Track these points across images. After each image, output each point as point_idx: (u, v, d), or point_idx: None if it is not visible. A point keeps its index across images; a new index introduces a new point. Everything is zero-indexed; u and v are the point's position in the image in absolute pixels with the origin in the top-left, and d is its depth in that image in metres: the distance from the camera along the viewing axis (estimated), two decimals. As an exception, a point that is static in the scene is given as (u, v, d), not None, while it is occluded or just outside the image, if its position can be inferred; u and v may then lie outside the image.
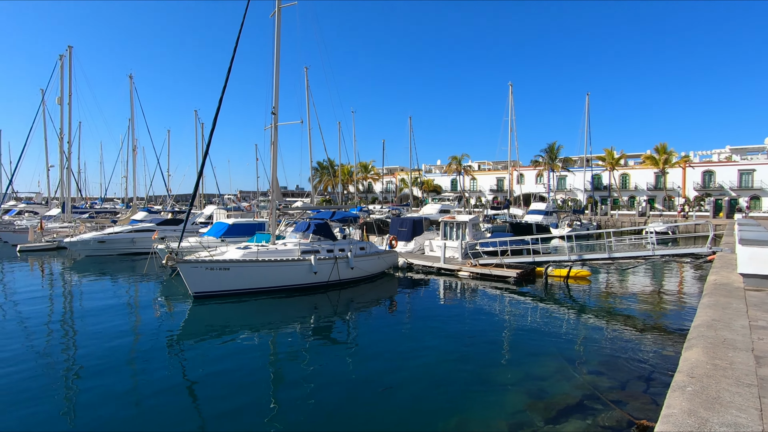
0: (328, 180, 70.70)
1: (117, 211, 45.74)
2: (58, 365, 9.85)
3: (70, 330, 12.69)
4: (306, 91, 31.39)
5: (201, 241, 20.57)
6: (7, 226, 35.51)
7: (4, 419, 7.23)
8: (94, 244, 27.05)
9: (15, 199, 53.51)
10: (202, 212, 37.56)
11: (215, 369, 9.58)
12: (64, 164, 36.29)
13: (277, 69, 18.03)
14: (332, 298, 16.67)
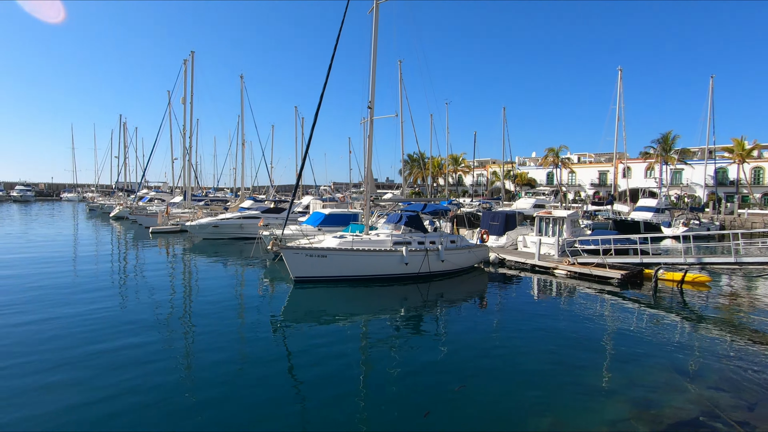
0: (418, 172, 71.09)
1: (227, 199, 50.49)
2: (177, 339, 11.28)
3: (188, 304, 14.41)
4: (400, 84, 31.80)
5: (301, 229, 22.03)
6: (141, 210, 41.14)
7: (142, 383, 8.52)
8: (210, 228, 30.27)
9: (147, 188, 61.53)
10: (300, 202, 40.03)
11: (313, 349, 10.30)
12: (185, 157, 40.99)
13: (373, 65, 18.56)
14: (422, 289, 16.90)
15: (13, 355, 9.36)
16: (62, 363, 8.96)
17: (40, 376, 8.40)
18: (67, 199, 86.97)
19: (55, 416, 6.96)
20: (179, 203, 42.28)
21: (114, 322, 11.70)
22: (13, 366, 8.79)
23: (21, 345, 9.96)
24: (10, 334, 10.63)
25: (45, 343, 10.11)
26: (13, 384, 8.03)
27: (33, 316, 12.13)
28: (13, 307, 12.85)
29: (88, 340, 10.33)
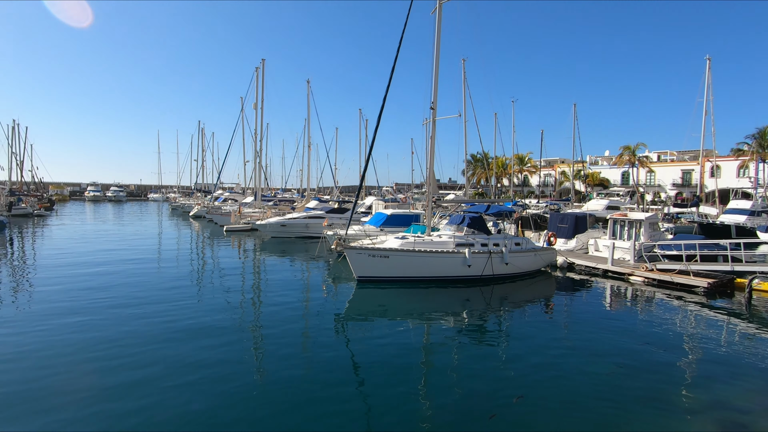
0: (481, 173, 69.60)
1: (294, 199, 52.53)
2: (246, 333, 11.91)
3: (257, 300, 15.15)
4: (463, 83, 31.34)
5: (363, 229, 22.42)
6: (216, 210, 43.97)
7: (219, 374, 9.10)
8: (278, 227, 31.69)
9: (222, 189, 65.66)
10: (363, 202, 40.71)
11: (374, 348, 10.44)
12: (256, 160, 43.26)
13: (436, 66, 18.45)
14: (485, 292, 16.54)
15: (94, 349, 10.34)
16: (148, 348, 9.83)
17: (128, 372, 9.23)
18: (152, 199, 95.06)
19: (137, 414, 7.24)
20: (250, 203, 44.64)
21: (190, 319, 12.55)
22: (91, 360, 9.73)
23: (105, 340, 11.00)
24: (95, 327, 11.78)
25: (133, 336, 11.12)
26: (89, 381, 8.37)
27: (124, 310, 13.37)
28: (103, 301, 14.25)
29: (166, 333, 11.19)
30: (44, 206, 53.53)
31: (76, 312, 12.46)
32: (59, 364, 8.88)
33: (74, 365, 8.90)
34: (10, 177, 62.00)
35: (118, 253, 23.72)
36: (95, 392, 7.75)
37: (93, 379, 8.26)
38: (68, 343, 10.08)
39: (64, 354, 9.43)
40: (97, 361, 9.11)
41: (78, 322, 11.51)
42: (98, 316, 12.17)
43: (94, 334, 10.70)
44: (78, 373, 8.58)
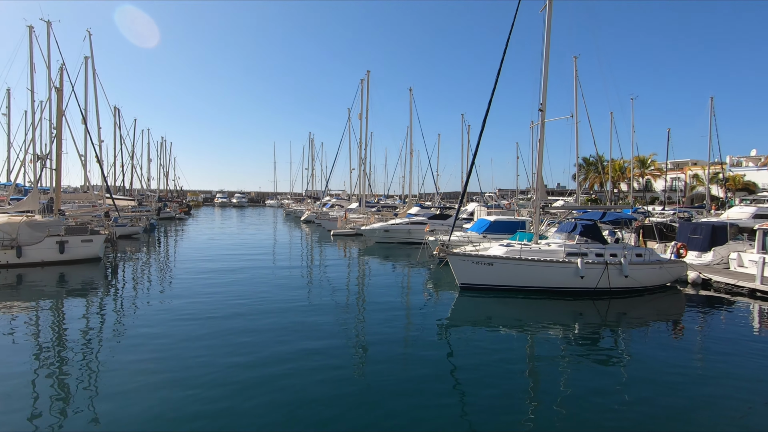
0: (594, 177, 64.31)
1: (396, 206, 53.65)
2: (351, 334, 12.39)
3: (361, 303, 15.65)
4: (575, 81, 29.33)
5: (466, 235, 22.07)
6: (324, 215, 46.71)
7: (320, 376, 9.62)
8: (381, 233, 32.62)
9: (329, 195, 69.60)
10: (465, 209, 40.11)
11: (477, 357, 10.18)
12: (361, 167, 45.13)
13: (546, 66, 17.56)
14: (600, 307, 15.22)
15: (205, 347, 11.56)
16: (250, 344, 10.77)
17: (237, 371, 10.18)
18: (269, 205, 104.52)
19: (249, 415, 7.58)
20: (355, 209, 46.65)
21: (298, 318, 13.48)
22: (202, 356, 10.87)
23: (217, 336, 12.24)
24: (207, 325, 13.18)
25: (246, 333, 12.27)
26: (199, 380, 8.62)
27: (238, 304, 14.83)
28: (223, 294, 15.93)
29: (274, 333, 12.12)
30: (184, 211, 61.77)
31: (201, 302, 14.16)
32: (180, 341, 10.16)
33: (187, 349, 10.07)
34: (158, 186, 72.80)
35: (240, 253, 26.43)
36: (206, 379, 8.69)
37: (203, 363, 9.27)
38: (189, 327, 11.48)
39: (185, 337, 10.76)
40: (209, 349, 10.21)
41: (201, 310, 13.07)
42: (219, 306, 13.69)
43: (203, 325, 12.01)
44: (188, 359, 9.68)
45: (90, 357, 9.66)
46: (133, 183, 58.27)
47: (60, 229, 21.09)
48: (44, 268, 19.71)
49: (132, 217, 35.45)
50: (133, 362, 9.26)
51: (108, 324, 12.43)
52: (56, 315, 13.31)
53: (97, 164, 32.93)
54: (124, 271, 20.81)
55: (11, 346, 10.35)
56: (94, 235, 22.07)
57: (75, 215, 27.41)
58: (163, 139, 76.72)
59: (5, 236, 19.44)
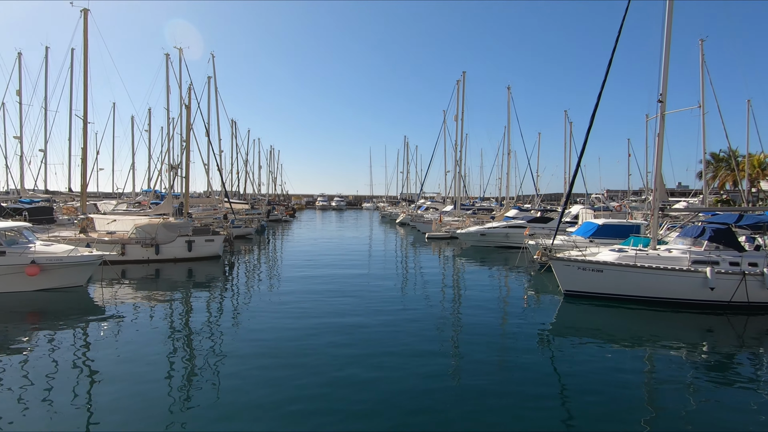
0: (726, 175, 56.11)
1: (493, 208, 52.08)
2: (446, 340, 12.22)
3: (456, 308, 15.44)
4: (701, 67, 25.92)
5: (571, 239, 20.67)
6: (419, 218, 46.98)
7: (406, 372, 9.63)
8: (477, 236, 31.88)
9: (424, 198, 69.88)
10: (569, 211, 37.59)
11: (583, 371, 9.40)
12: (456, 169, 44.62)
13: (666, 51, 15.74)
14: (736, 324, 13.23)
15: (307, 339, 12.13)
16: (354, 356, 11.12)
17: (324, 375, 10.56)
18: (365, 208, 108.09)
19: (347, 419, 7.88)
20: (450, 212, 46.19)
21: (392, 319, 13.67)
22: (306, 348, 11.40)
23: (318, 331, 12.80)
24: (310, 320, 13.83)
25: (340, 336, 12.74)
26: (296, 381, 8.80)
27: (336, 302, 15.46)
28: (324, 292, 16.72)
29: (370, 332, 12.40)
30: (289, 213, 66.56)
31: (305, 298, 15.06)
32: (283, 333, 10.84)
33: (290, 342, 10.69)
34: (268, 190, 79.32)
35: (339, 253, 27.68)
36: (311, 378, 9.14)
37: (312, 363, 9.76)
38: (294, 322, 12.22)
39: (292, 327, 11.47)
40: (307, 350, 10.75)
41: (306, 305, 13.89)
42: (320, 303, 14.43)
43: (310, 320, 12.66)
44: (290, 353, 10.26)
45: (211, 343, 10.82)
46: (246, 188, 64.09)
47: (188, 230, 23.93)
48: (176, 263, 22.51)
49: (246, 220, 38.96)
50: (247, 348, 10.17)
51: (226, 315, 13.84)
52: (185, 305, 15.12)
53: (217, 172, 36.93)
54: (240, 268, 22.96)
55: (151, 330, 11.99)
56: (215, 235, 24.67)
57: (200, 217, 30.95)
58: (272, 148, 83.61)
59: (147, 236, 22.58)
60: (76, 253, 15.89)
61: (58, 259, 15.36)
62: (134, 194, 47.63)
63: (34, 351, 10.17)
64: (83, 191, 26.83)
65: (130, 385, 8.24)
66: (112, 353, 10.08)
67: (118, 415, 7.12)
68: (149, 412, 7.26)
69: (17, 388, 8.00)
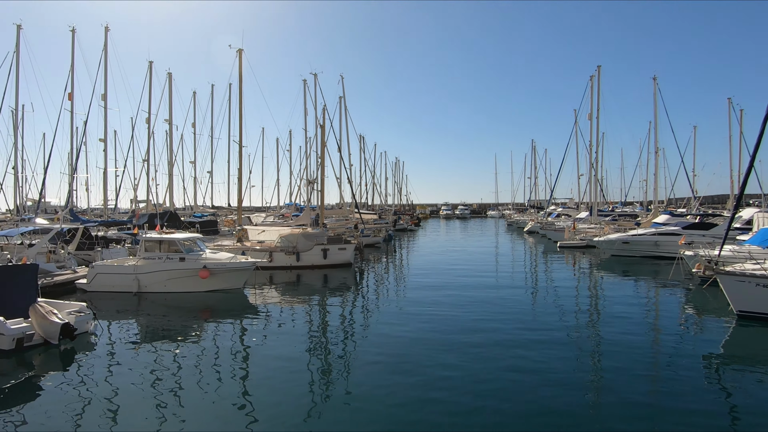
0: None
1: (637, 214, 46.49)
2: (585, 364, 11.11)
3: (594, 326, 13.86)
4: None
5: (744, 249, 17.39)
6: (550, 226, 44.12)
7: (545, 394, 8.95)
8: (619, 245, 28.73)
9: (554, 204, 65.45)
10: (740, 215, 31.69)
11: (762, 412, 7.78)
12: (591, 172, 40.92)
13: None
14: None
15: (433, 347, 12.00)
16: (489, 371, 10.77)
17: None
18: (490, 216, 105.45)
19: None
20: (585, 218, 42.50)
21: (521, 338, 12.85)
22: (433, 356, 11.27)
23: (444, 341, 12.63)
24: (436, 329, 13.70)
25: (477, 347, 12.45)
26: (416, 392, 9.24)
27: (466, 312, 15.20)
28: (446, 302, 16.56)
29: (495, 354, 11.82)
30: (414, 223, 68.08)
31: (431, 307, 15.13)
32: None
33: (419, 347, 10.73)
34: (394, 200, 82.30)
35: (464, 262, 27.34)
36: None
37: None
38: (423, 327, 12.31)
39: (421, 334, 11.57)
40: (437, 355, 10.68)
41: (432, 314, 13.94)
42: (447, 313, 14.35)
43: (436, 330, 12.61)
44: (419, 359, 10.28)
45: (343, 345, 11.55)
46: (374, 199, 67.37)
47: (324, 239, 25.99)
48: (313, 270, 24.58)
49: (374, 229, 40.89)
50: (374, 353, 10.61)
51: (357, 319, 14.67)
52: (321, 307, 16.41)
53: (348, 185, 39.57)
54: (369, 275, 24.15)
55: (292, 328, 13.29)
56: (347, 244, 26.36)
57: (333, 227, 33.39)
58: (397, 159, 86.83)
59: (289, 245, 25.12)
60: (235, 260, 18.42)
61: (223, 265, 17.96)
62: (279, 207, 53.53)
63: (205, 340, 12.07)
64: (239, 206, 31.01)
65: (273, 374, 9.26)
66: (261, 346, 11.51)
67: (265, 395, 8.01)
68: (286, 398, 8.04)
69: (193, 367, 9.56)
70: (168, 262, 17.79)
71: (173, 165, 38.98)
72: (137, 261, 18.34)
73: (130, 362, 10.31)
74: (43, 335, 11.01)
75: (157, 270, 17.72)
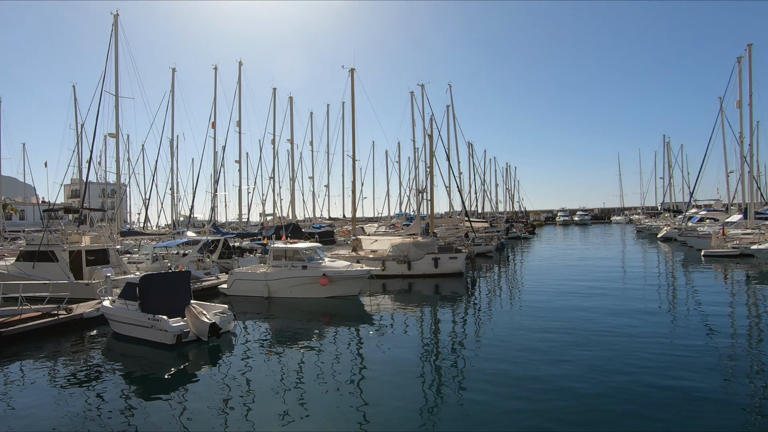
0: None
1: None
2: (742, 399, 9.47)
3: (756, 351, 11.81)
4: None
5: None
6: (691, 232, 38.60)
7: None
8: (785, 254, 24.07)
9: (696, 207, 57.17)
10: None
11: None
12: (743, 167, 35.03)
13: None
14: None
15: (553, 364, 11.09)
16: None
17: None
18: (615, 221, 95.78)
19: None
20: (737, 222, 36.41)
21: (658, 366, 11.40)
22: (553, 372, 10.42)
23: (567, 358, 11.63)
24: (555, 345, 12.67)
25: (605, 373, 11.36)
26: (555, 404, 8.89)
27: (587, 328, 13.96)
28: (566, 315, 15.32)
29: (627, 385, 10.52)
30: (528, 230, 64.88)
31: (549, 320, 14.19)
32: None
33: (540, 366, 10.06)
34: (505, 207, 79.48)
35: (585, 273, 25.21)
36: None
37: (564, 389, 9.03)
38: (545, 340, 11.57)
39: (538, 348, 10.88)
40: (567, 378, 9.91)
41: (546, 330, 13.04)
42: (567, 327, 13.31)
43: (555, 348, 11.71)
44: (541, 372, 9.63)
45: (454, 355, 11.43)
46: (484, 206, 65.80)
47: (434, 248, 26.12)
48: (424, 278, 24.80)
49: (485, 237, 39.92)
50: (488, 367, 10.29)
51: (469, 329, 14.46)
52: (433, 317, 16.47)
53: (457, 193, 39.28)
54: (481, 285, 23.60)
55: (405, 336, 13.58)
56: (458, 253, 26.14)
57: (443, 236, 33.38)
58: (508, 165, 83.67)
59: (401, 254, 25.73)
60: (352, 268, 19.45)
61: (341, 273, 19.09)
62: (389, 217, 55.15)
63: (325, 343, 12.96)
64: (353, 217, 32.71)
65: (390, 378, 9.54)
66: (376, 352, 11.95)
67: (381, 398, 8.30)
68: (404, 403, 8.20)
69: (315, 368, 10.31)
70: (292, 270, 19.46)
71: (294, 181, 42.64)
72: (267, 269, 20.38)
73: (263, 360, 11.51)
74: (195, 333, 12.81)
75: (284, 277, 19.48)
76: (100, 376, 10.65)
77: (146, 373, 10.99)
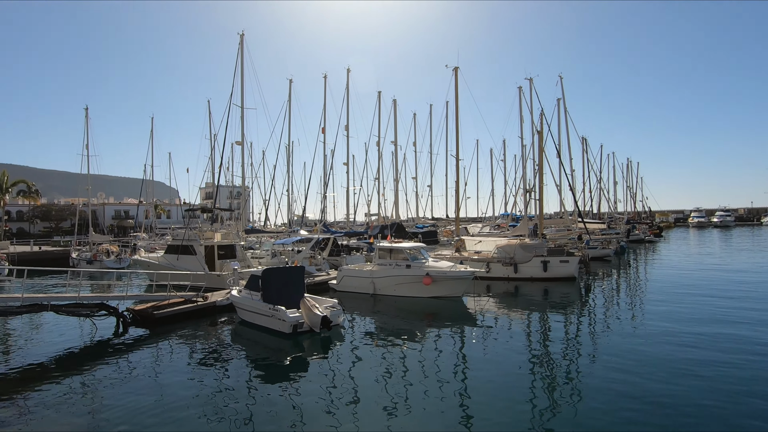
0: None
1: None
2: None
3: None
4: None
5: None
6: None
7: None
8: None
9: None
10: None
11: None
12: None
13: None
14: None
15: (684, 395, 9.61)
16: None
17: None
18: (766, 224, 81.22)
19: None
20: None
21: None
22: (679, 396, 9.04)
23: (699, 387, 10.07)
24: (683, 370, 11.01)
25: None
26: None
27: (724, 359, 12.02)
28: (691, 337, 13.28)
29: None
30: (654, 233, 58.10)
31: (672, 341, 12.47)
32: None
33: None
34: (625, 207, 72.18)
35: (725, 285, 21.81)
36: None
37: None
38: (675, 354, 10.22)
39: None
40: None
41: (670, 347, 11.46)
42: (694, 350, 11.59)
43: (678, 371, 10.23)
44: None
45: (565, 365, 10.69)
46: (601, 206, 60.49)
47: (543, 251, 24.71)
48: (532, 282, 23.58)
49: (602, 240, 36.70)
50: (601, 375, 9.52)
51: (583, 338, 13.43)
52: (541, 322, 15.60)
53: (569, 191, 36.67)
54: (596, 292, 21.73)
55: (509, 340, 13.03)
56: (570, 256, 24.41)
57: (554, 238, 31.40)
58: (629, 161, 75.48)
59: (506, 256, 24.80)
60: (455, 269, 19.27)
61: (444, 273, 19.02)
62: (494, 218, 53.45)
63: (428, 343, 13.05)
64: (457, 217, 32.35)
65: (493, 382, 9.29)
66: (480, 354, 11.81)
67: (485, 401, 8.10)
68: (507, 410, 7.90)
69: (418, 365, 10.45)
70: (396, 269, 19.87)
71: (398, 181, 43.48)
72: (373, 266, 21.10)
73: (368, 355, 11.96)
74: (309, 324, 13.76)
75: (388, 275, 19.99)
76: (230, 357, 12.03)
77: (267, 358, 12.13)
